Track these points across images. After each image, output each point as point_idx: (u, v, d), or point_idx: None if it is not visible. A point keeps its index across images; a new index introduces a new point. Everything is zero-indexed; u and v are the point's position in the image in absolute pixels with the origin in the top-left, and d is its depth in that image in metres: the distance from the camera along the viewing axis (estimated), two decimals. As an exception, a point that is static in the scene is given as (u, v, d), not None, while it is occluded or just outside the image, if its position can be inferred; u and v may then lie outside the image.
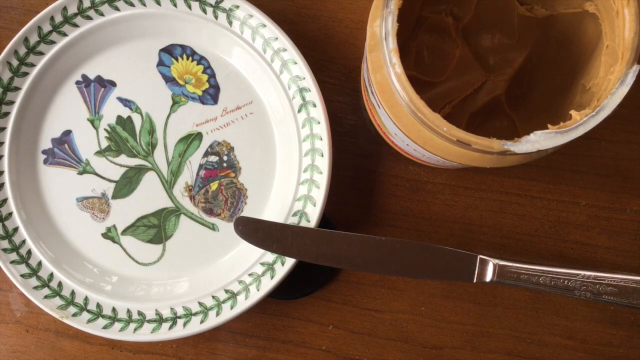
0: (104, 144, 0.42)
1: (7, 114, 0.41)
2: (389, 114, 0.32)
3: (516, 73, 0.37)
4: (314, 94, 0.40)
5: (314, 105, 0.40)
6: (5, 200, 0.41)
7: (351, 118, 0.44)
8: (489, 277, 0.37)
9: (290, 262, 0.40)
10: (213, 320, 0.40)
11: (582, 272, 0.36)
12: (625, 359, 0.43)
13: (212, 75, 0.42)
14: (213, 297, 0.41)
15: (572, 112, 0.30)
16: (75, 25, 0.41)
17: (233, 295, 0.41)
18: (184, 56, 0.42)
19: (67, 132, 0.42)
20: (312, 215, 0.40)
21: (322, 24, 0.44)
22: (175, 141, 0.42)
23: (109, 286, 0.41)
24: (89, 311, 0.40)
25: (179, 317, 0.40)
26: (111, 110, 0.42)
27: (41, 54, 0.41)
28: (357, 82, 0.44)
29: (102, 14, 0.41)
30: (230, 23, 0.41)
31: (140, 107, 0.42)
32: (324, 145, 0.40)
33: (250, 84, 0.42)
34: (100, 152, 0.42)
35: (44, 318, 0.43)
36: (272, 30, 0.40)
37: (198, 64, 0.42)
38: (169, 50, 0.42)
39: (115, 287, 0.41)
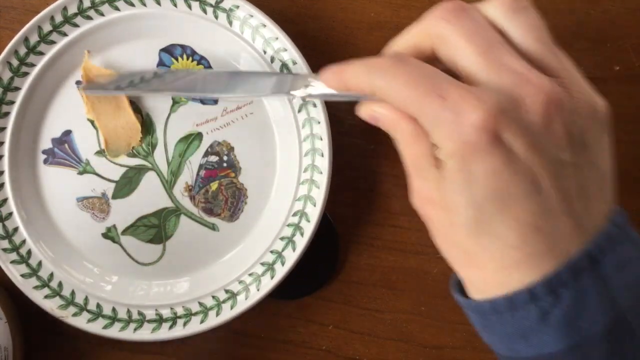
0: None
1: (7, 114, 0.41)
2: None
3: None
4: (314, 94, 0.40)
5: (314, 105, 0.40)
6: (5, 200, 0.41)
7: (351, 118, 0.44)
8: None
9: (290, 262, 0.40)
10: (213, 320, 0.40)
11: None
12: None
13: (212, 75, 0.42)
14: (213, 297, 0.41)
15: None
16: (76, 25, 0.41)
17: (233, 295, 0.41)
18: (184, 56, 0.42)
19: (67, 132, 0.42)
20: (312, 215, 0.40)
21: (322, 24, 0.44)
22: (176, 141, 0.42)
23: (109, 286, 0.41)
24: (89, 311, 0.40)
25: (179, 317, 0.40)
26: (111, 110, 0.42)
27: (41, 54, 0.41)
28: (357, 82, 0.44)
29: (102, 14, 0.41)
30: (231, 23, 0.41)
31: (140, 107, 0.42)
32: (324, 145, 0.40)
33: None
34: (101, 152, 0.42)
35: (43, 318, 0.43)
36: (272, 30, 0.40)
37: (198, 64, 0.42)
38: (169, 50, 0.42)
39: (115, 287, 0.41)
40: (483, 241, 0.24)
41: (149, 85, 0.38)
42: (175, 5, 0.41)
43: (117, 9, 0.41)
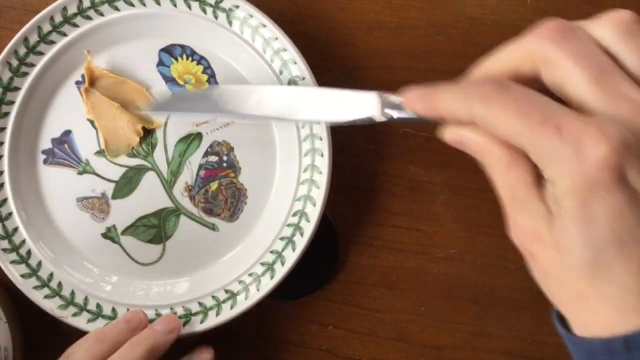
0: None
1: (7, 114, 0.41)
2: None
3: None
4: (314, 94, 0.40)
5: (314, 105, 0.40)
6: (5, 200, 0.41)
7: (351, 118, 0.44)
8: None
9: (290, 262, 0.40)
10: (213, 320, 0.40)
11: None
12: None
13: (212, 75, 0.42)
14: (213, 297, 0.41)
15: None
16: (75, 25, 0.41)
17: (233, 295, 0.41)
18: (184, 56, 0.42)
19: (67, 132, 0.42)
20: (312, 215, 0.40)
21: (322, 24, 0.44)
22: (175, 141, 0.42)
23: (109, 286, 0.41)
24: (88, 311, 0.40)
25: (179, 317, 0.40)
26: (111, 110, 0.42)
27: (41, 54, 0.41)
28: (357, 82, 0.44)
29: (102, 14, 0.41)
30: (230, 23, 0.41)
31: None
32: (324, 145, 0.40)
33: (250, 84, 0.42)
34: (100, 152, 0.42)
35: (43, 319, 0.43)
36: (272, 30, 0.40)
37: (198, 64, 0.42)
38: (168, 50, 0.42)
39: (115, 287, 0.41)
40: (599, 284, 0.22)
41: (235, 108, 0.36)
42: (174, 5, 0.41)
43: (116, 9, 0.41)
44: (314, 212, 0.40)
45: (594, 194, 0.21)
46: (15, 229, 0.41)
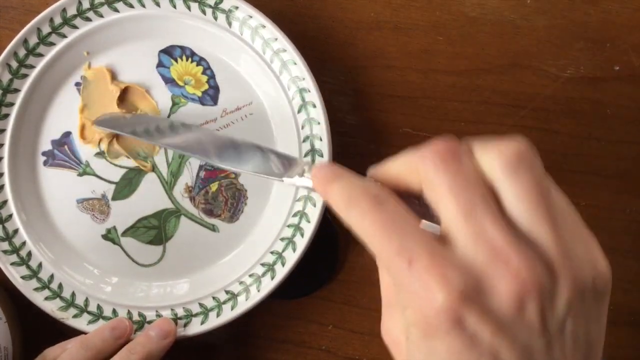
0: (104, 145, 0.42)
1: (6, 115, 0.41)
2: None
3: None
4: (314, 95, 0.40)
5: (314, 106, 0.40)
6: (5, 202, 0.41)
7: (351, 118, 0.44)
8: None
9: (290, 262, 0.40)
10: (214, 321, 0.40)
11: None
12: (625, 359, 0.43)
13: (212, 76, 0.42)
14: (213, 298, 0.41)
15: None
16: (75, 27, 0.41)
17: (233, 296, 0.41)
18: (184, 57, 0.42)
19: (67, 134, 0.42)
20: (312, 216, 0.40)
21: (322, 24, 0.44)
22: (175, 142, 0.42)
23: (109, 287, 0.41)
24: (89, 312, 0.40)
25: (180, 319, 0.40)
26: (111, 111, 0.42)
27: (41, 55, 0.41)
28: (357, 82, 0.44)
29: (101, 16, 0.41)
30: (230, 24, 0.41)
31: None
32: (323, 145, 0.40)
33: (249, 85, 0.42)
34: (100, 154, 0.42)
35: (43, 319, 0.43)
36: (271, 30, 0.40)
37: (197, 65, 0.42)
38: (168, 51, 0.42)
39: (116, 288, 0.41)
40: None
41: (163, 138, 0.39)
42: (174, 6, 0.41)
43: (116, 10, 0.41)
44: (314, 213, 0.40)
45: (433, 334, 0.22)
46: (16, 231, 0.41)
